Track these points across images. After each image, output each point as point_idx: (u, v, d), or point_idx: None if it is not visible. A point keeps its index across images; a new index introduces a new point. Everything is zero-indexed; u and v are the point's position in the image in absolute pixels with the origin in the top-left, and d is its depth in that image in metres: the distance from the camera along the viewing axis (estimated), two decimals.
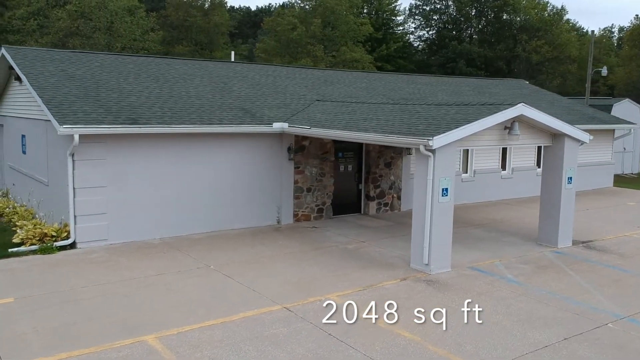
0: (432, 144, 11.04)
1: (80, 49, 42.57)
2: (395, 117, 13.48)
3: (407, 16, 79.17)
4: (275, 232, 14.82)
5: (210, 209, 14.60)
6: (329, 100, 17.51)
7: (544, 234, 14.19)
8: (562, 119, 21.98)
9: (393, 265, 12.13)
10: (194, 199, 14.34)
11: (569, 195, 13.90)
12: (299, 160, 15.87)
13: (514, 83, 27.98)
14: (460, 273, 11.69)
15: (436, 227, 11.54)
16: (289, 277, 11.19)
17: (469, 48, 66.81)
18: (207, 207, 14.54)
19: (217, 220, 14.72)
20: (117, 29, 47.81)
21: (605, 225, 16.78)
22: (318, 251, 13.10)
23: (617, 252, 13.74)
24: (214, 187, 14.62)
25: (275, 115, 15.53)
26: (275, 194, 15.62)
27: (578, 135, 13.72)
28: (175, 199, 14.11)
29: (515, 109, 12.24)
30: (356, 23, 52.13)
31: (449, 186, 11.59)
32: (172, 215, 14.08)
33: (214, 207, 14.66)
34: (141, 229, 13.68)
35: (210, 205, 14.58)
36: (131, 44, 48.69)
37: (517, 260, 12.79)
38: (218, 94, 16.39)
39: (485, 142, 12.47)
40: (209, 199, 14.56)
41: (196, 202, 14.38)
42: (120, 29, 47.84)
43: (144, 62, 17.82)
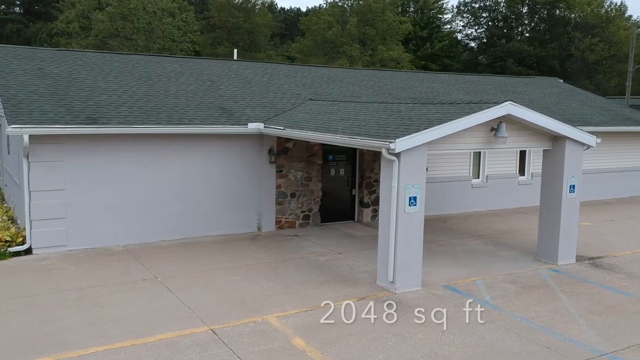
0: (395, 147, 9.78)
1: (119, 50, 42.91)
2: (374, 118, 12.23)
3: (455, 14, 77.02)
4: (250, 241, 13.81)
5: (182, 215, 13.73)
6: (321, 100, 16.38)
7: (543, 249, 12.63)
8: (592, 120, 20.23)
9: (359, 282, 10.91)
10: (163, 204, 13.50)
11: (572, 206, 12.30)
12: (282, 163, 14.80)
13: (546, 82, 26.04)
14: (430, 293, 10.36)
15: (402, 240, 10.25)
16: (235, 293, 10.15)
17: (518, 46, 64.07)
18: (177, 213, 13.68)
19: (188, 227, 13.83)
20: (156, 30, 47.93)
21: (625, 239, 14.97)
22: (284, 263, 12.02)
23: (627, 271, 12.05)
24: (186, 191, 13.74)
25: (256, 115, 14.54)
26: (256, 199, 14.62)
27: (581, 137, 12.11)
28: (143, 204, 13.31)
29: (499, 109, 10.80)
30: (395, 21, 50.57)
31: (417, 194, 10.29)
32: (139, 221, 13.28)
33: (186, 214, 13.78)
34: (104, 235, 12.94)
35: (181, 212, 13.71)
36: (169, 46, 48.79)
37: (503, 278, 11.34)
38: (200, 92, 15.53)
39: (467, 146, 11.09)
40: (180, 205, 13.69)
41: (165, 208, 13.54)
42: (158, 30, 47.95)
43: (132, 61, 17.18)
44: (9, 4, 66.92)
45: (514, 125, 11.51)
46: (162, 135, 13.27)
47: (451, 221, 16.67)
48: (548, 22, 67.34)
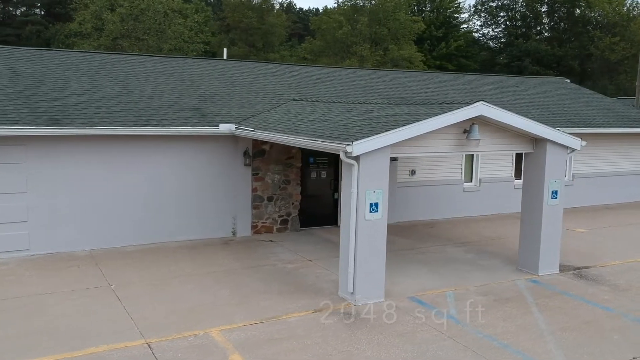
0: (352, 150, 9.20)
1: (129, 50, 42.85)
2: (344, 119, 11.66)
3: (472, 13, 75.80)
4: (221, 246, 13.32)
5: (151, 219, 13.29)
6: (303, 100, 15.83)
7: (524, 258, 11.93)
8: (594, 121, 19.39)
9: (320, 292, 10.34)
10: (131, 208, 13.08)
11: (554, 213, 11.57)
12: (259, 165, 14.29)
13: (551, 82, 25.15)
14: (393, 305, 9.75)
15: (363, 249, 9.66)
16: (186, 303, 9.65)
17: (536, 46, 62.72)
18: (146, 217, 13.24)
19: (158, 232, 13.39)
20: (167, 31, 47.77)
21: (620, 246, 14.16)
22: (248, 271, 11.50)
23: (613, 282, 11.30)
24: (156, 195, 13.30)
25: (231, 116, 14.04)
26: (230, 203, 14.12)
27: (564, 140, 11.38)
28: (110, 207, 12.90)
29: (469, 109, 10.15)
30: (407, 20, 49.71)
31: (379, 200, 9.68)
32: (106, 225, 12.87)
33: (155, 218, 13.34)
34: (68, 240, 12.56)
35: (150, 215, 13.28)
36: (181, 46, 48.60)
37: (476, 290, 10.67)
38: (177, 93, 15.09)
39: (437, 149, 10.45)
40: (149, 209, 13.26)
41: (134, 212, 13.12)
42: (168, 31, 47.78)
43: (112, 60, 16.81)
44: (30, 5, 67.61)
45: (489, 127, 10.85)
46: (130, 137, 12.85)
47: (438, 227, 16.00)
48: (568, 21, 65.91)
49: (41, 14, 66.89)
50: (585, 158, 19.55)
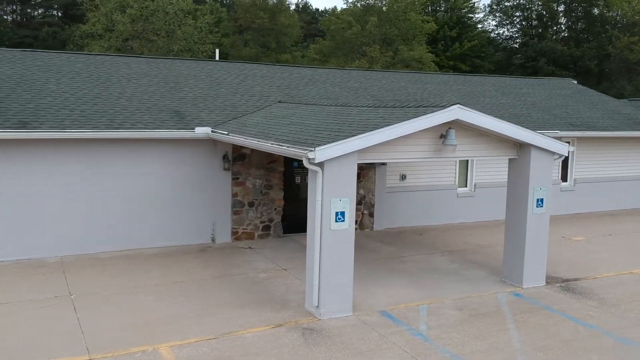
0: (315, 157, 8.72)
1: (139, 52, 42.73)
2: (320, 122, 11.16)
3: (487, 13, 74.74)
4: (197, 254, 12.90)
5: (126, 225, 12.92)
6: (289, 102, 15.36)
7: (508, 269, 11.33)
8: (597, 124, 18.65)
9: (287, 305, 9.86)
10: (105, 213, 12.72)
11: (539, 222, 10.96)
12: (239, 170, 13.86)
13: (557, 83, 24.38)
14: (360, 320, 9.23)
15: (328, 260, 9.17)
16: (145, 315, 9.23)
17: (551, 46, 61.53)
18: (121, 223, 12.88)
19: (133, 238, 13.02)
20: (176, 31, 47.60)
21: (617, 257, 13.47)
22: (218, 280, 11.05)
23: (601, 297, 10.65)
24: (132, 200, 12.93)
25: (211, 119, 13.63)
26: (210, 209, 13.70)
27: (550, 145, 10.76)
28: (84, 213, 12.55)
29: (445, 113, 9.60)
30: (418, 20, 48.97)
31: (346, 209, 9.18)
32: (79, 231, 12.53)
33: (131, 223, 12.97)
34: (40, 246, 12.23)
35: (125, 221, 12.91)
36: (190, 47, 48.39)
37: (453, 303, 10.11)
38: (159, 94, 14.72)
39: (410, 155, 9.91)
40: (125, 214, 12.89)
41: (109, 218, 12.76)
42: (178, 32, 47.60)
43: (97, 62, 16.49)
44: (47, 7, 68.14)
45: (469, 132, 10.28)
46: (105, 140, 12.52)
47: (428, 234, 15.42)
48: (585, 21, 64.62)
49: (58, 15, 67.35)
50: (588, 162, 18.83)
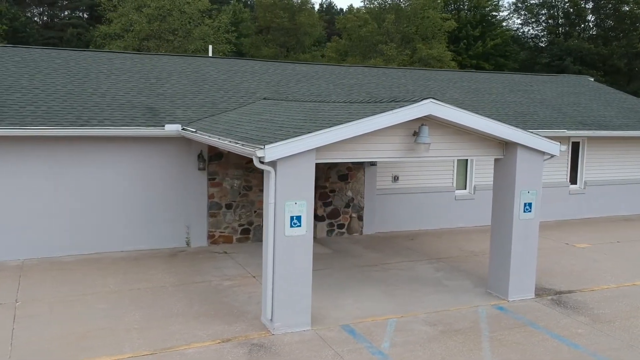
0: (264, 155, 7.91)
1: (155, 51, 42.48)
2: (290, 119, 10.34)
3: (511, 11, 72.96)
4: (167, 258, 12.19)
5: (94, 227, 12.29)
6: (274, 99, 14.57)
7: (493, 280, 10.36)
8: (610, 123, 17.46)
9: (243, 316, 9.06)
10: (73, 215, 12.11)
11: (527, 229, 9.96)
12: (216, 170, 13.12)
13: (572, 80, 23.12)
14: (318, 335, 8.38)
15: (283, 268, 8.34)
16: (85, 326, 8.53)
17: (578, 44, 59.60)
18: (89, 225, 12.25)
19: (102, 241, 12.38)
20: (192, 31, 47.33)
21: (621, 267, 12.36)
22: (177, 288, 10.31)
23: (595, 312, 9.62)
24: (100, 201, 12.29)
25: (186, 116, 12.93)
26: (184, 211, 13.00)
27: (538, 144, 9.76)
28: (49, 214, 11.96)
29: (415, 108, 8.70)
30: (437, 18, 47.75)
31: (302, 213, 8.35)
32: (44, 233, 11.94)
33: (99, 226, 12.33)
34: (1, 249, 11.66)
35: (94, 223, 12.28)
36: (207, 47, 47.97)
37: (427, 317, 9.19)
38: (136, 90, 14.07)
39: (379, 154, 9.03)
40: (93, 216, 12.26)
41: (76, 219, 12.14)
42: (194, 32, 47.31)
43: (79, 57, 15.94)
44: (73, 9, 68.82)
45: (447, 129, 9.37)
46: (73, 138, 11.91)
47: (421, 239, 14.48)
48: (614, 19, 62.53)
49: (84, 17, 67.88)
50: (600, 163, 17.66)
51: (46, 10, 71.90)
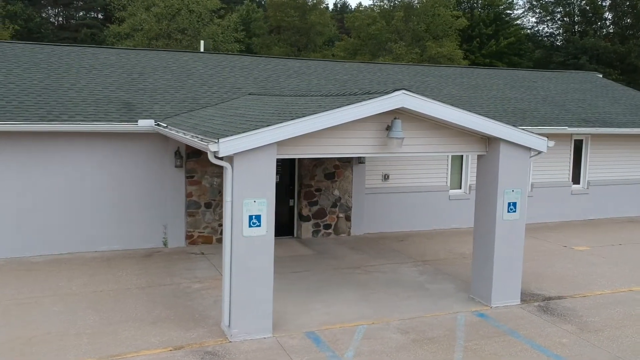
0: (219, 150, 7.38)
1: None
2: (262, 113, 9.81)
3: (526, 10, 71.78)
4: (140, 259, 11.72)
5: (66, 227, 11.87)
6: (259, 95, 14.07)
7: (476, 285, 9.73)
8: (615, 120, 16.70)
9: (203, 322, 8.54)
10: (42, 214, 11.69)
11: (512, 230, 9.32)
12: (194, 167, 12.64)
13: (579, 76, 22.31)
14: (278, 343, 7.83)
15: (241, 271, 7.81)
16: (34, 331, 8.06)
17: (594, 42, 58.32)
18: (61, 224, 11.83)
19: (75, 241, 11.96)
20: (200, 31, 47.08)
21: (618, 271, 11.65)
22: (143, 291, 9.82)
23: (585, 320, 8.95)
24: (72, 199, 11.87)
25: (163, 112, 12.47)
26: (161, 210, 12.53)
27: (523, 140, 9.11)
28: (17, 213, 11.55)
29: (386, 100, 8.12)
30: (448, 15, 46.93)
31: (262, 212, 7.80)
32: (11, 233, 11.54)
33: (72, 225, 11.91)
34: None
35: (65, 223, 11.86)
36: (216, 46, 47.73)
37: (400, 324, 8.59)
38: (115, 85, 13.63)
39: (348, 149, 8.46)
40: (65, 215, 11.84)
41: (46, 218, 11.73)
42: (203, 32, 47.06)
43: (62, 52, 15.54)
44: (88, 9, 69.21)
45: (424, 124, 8.78)
46: (41, 134, 11.50)
47: (411, 240, 13.87)
48: (632, 16, 61.18)
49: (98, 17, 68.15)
50: (604, 162, 16.90)
51: (62, 11, 72.41)
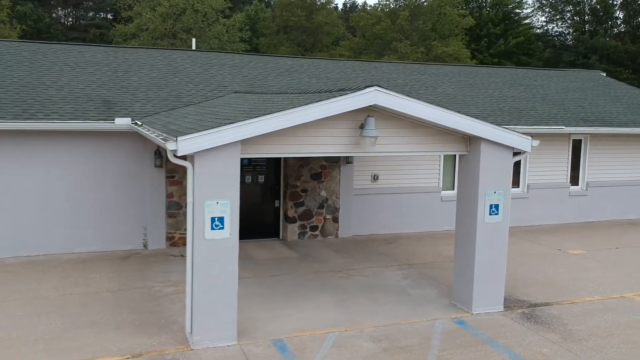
0: (177, 149, 7.04)
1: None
2: (232, 112, 9.46)
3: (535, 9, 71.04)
4: (116, 261, 11.42)
5: (42, 227, 11.60)
6: (243, 93, 13.74)
7: (457, 290, 9.32)
8: (615, 119, 16.20)
9: (168, 329, 8.20)
10: (15, 214, 11.42)
11: (494, 233, 8.90)
12: (174, 167, 12.32)
13: (581, 75, 21.78)
14: (242, 352, 7.47)
15: (203, 276, 7.47)
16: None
17: (604, 42, 57.48)
18: (36, 225, 11.56)
19: (51, 242, 11.69)
20: (205, 31, 46.91)
21: (611, 276, 11.18)
22: (112, 294, 9.51)
23: (570, 328, 8.51)
24: (49, 199, 11.60)
25: (143, 110, 12.18)
26: (141, 211, 12.23)
27: (505, 139, 8.69)
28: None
29: (357, 97, 7.75)
30: (454, 14, 46.39)
31: (225, 214, 7.45)
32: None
33: (47, 225, 11.64)
34: None
35: (41, 223, 11.59)
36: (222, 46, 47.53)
37: (373, 332, 8.20)
38: (98, 83, 13.37)
39: (320, 149, 8.09)
40: (40, 215, 11.57)
41: (21, 218, 11.47)
42: (207, 32, 46.87)
43: (47, 50, 15.30)
44: (97, 10, 69.54)
45: (400, 122, 8.39)
46: (17, 132, 11.27)
47: (400, 242, 13.47)
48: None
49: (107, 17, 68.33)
50: (604, 162, 16.41)
51: (72, 12, 72.78)
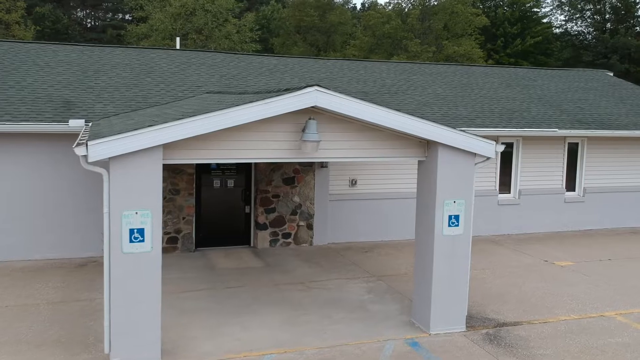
0: (87, 155, 6.45)
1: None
2: (185, 111, 8.85)
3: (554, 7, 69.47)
4: (72, 270, 10.91)
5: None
6: (215, 93, 13.13)
7: (417, 307, 8.58)
8: (614, 122, 15.28)
9: (94, 347, 7.59)
10: None
11: (454, 246, 8.15)
12: None
13: (586, 75, 20.78)
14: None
15: (121, 293, 6.86)
16: None
17: (624, 41, 55.87)
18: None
19: (3, 249, 11.21)
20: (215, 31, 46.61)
21: (593, 292, 10.33)
22: (53, 306, 8.97)
23: (535, 352, 7.73)
24: (2, 203, 11.12)
25: (104, 111, 11.66)
26: (98, 216, 11.66)
27: (466, 144, 7.94)
28: None
29: (295, 97, 7.09)
30: (467, 13, 45.36)
31: (145, 225, 6.84)
32: None
33: (2, 231, 11.16)
34: None
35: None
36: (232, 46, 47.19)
37: (315, 353, 7.51)
38: (63, 84, 12.89)
39: (256, 154, 7.43)
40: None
41: None
42: (216, 32, 46.56)
43: (19, 50, 14.87)
44: (115, 11, 70.19)
45: (349, 125, 7.72)
46: None
47: (377, 251, 12.75)
48: None
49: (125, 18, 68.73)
50: (602, 167, 15.51)
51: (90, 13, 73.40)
